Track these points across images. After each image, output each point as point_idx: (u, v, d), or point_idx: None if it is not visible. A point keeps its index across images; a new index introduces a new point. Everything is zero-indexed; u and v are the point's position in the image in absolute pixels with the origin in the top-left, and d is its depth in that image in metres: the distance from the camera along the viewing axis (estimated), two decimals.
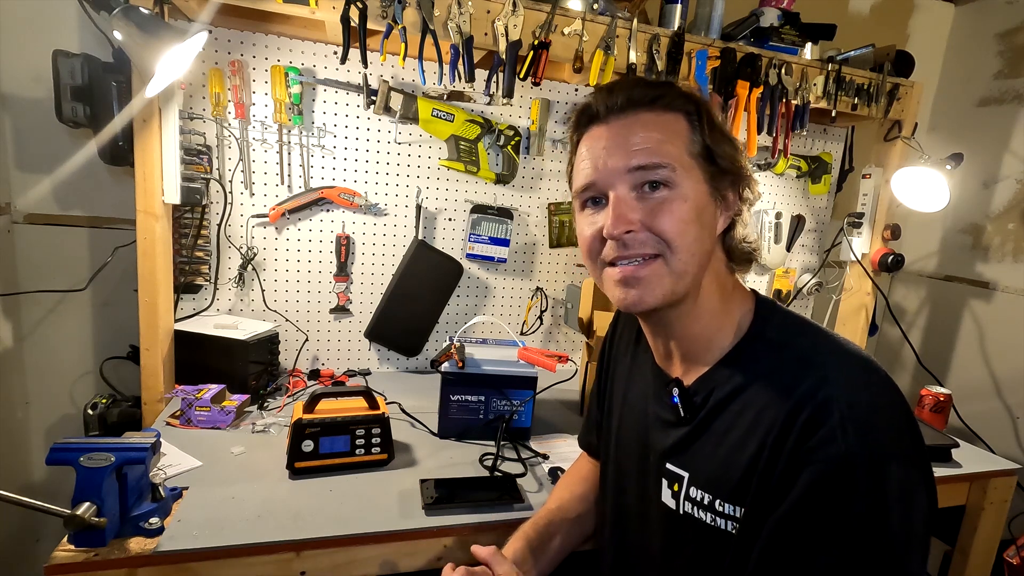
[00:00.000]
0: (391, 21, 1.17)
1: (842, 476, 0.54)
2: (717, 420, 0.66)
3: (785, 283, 1.93)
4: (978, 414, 1.82)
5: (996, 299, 1.97)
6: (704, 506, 0.66)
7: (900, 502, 0.54)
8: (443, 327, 1.66)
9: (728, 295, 0.70)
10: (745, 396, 0.64)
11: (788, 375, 0.61)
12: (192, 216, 1.38)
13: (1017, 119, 1.94)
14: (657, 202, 0.63)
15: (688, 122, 0.66)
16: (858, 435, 0.55)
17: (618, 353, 0.89)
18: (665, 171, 0.63)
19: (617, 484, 0.83)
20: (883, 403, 0.58)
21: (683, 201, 0.63)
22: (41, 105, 1.34)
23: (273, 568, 0.84)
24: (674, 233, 0.63)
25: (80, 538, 0.76)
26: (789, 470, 0.57)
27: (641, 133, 0.64)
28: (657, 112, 0.65)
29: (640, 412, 0.78)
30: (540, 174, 1.65)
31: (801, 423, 0.57)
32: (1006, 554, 1.58)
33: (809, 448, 0.56)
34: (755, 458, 0.60)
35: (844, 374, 0.59)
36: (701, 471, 0.67)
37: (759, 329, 0.67)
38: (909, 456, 0.56)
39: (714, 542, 0.65)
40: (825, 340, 0.65)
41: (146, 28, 0.96)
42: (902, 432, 0.57)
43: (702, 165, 0.65)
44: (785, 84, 1.47)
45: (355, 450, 1.03)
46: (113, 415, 1.31)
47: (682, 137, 0.65)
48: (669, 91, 0.67)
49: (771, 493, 0.58)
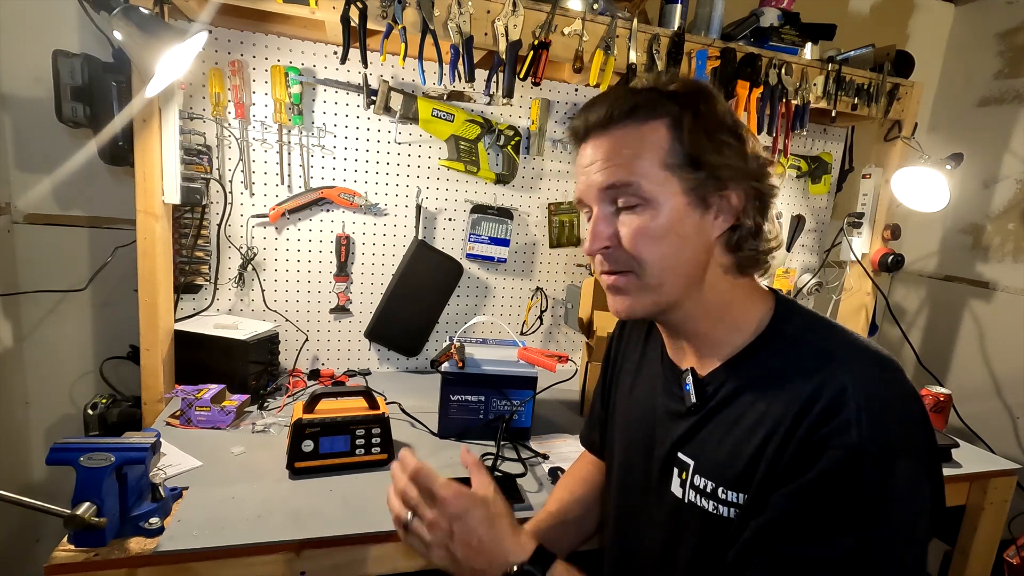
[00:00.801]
0: (391, 21, 1.17)
1: (853, 466, 0.54)
2: (727, 409, 0.66)
3: (785, 283, 1.93)
4: (978, 414, 1.82)
5: (996, 299, 1.97)
6: (707, 494, 0.66)
7: (905, 498, 0.55)
8: (443, 327, 1.66)
9: (741, 297, 0.69)
10: (758, 387, 0.63)
11: (805, 368, 0.61)
12: (192, 216, 1.38)
13: (1017, 119, 1.94)
14: (628, 219, 0.64)
15: (669, 128, 0.64)
16: (872, 428, 0.55)
17: (626, 350, 0.89)
18: (633, 189, 0.63)
19: (621, 481, 0.83)
20: (898, 399, 0.59)
21: (652, 219, 0.63)
22: (41, 105, 1.34)
23: (273, 568, 0.84)
24: (641, 251, 0.64)
25: (80, 538, 0.76)
26: (801, 455, 0.57)
27: (614, 151, 0.64)
28: (632, 126, 0.64)
29: (648, 407, 0.78)
30: (540, 174, 1.65)
31: (817, 412, 0.57)
32: (1006, 554, 1.58)
33: (823, 435, 0.56)
34: (763, 446, 0.60)
35: (861, 368, 0.59)
36: (707, 459, 0.67)
37: (777, 326, 0.67)
38: (919, 453, 0.57)
39: (715, 530, 0.65)
40: (843, 337, 0.65)
41: (146, 28, 0.96)
42: (915, 429, 0.58)
43: (681, 174, 0.63)
44: (785, 84, 1.47)
45: (355, 450, 1.03)
46: (113, 415, 1.31)
47: (657, 149, 0.63)
48: (648, 99, 0.64)
49: (779, 478, 0.58)
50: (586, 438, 1.01)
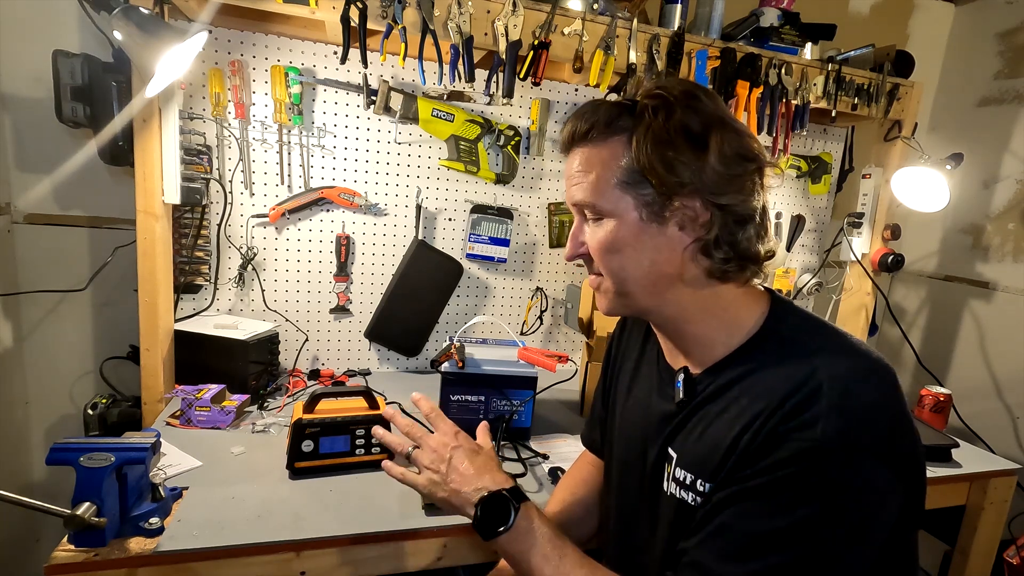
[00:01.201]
0: (391, 21, 1.17)
1: (809, 458, 0.55)
2: (712, 404, 0.67)
3: (785, 283, 1.93)
4: (978, 414, 1.82)
5: (996, 299, 1.97)
6: (686, 486, 0.67)
7: (859, 498, 0.55)
8: (443, 327, 1.66)
9: (731, 299, 0.68)
10: (744, 384, 0.64)
11: (790, 366, 0.61)
12: (192, 216, 1.38)
13: (1017, 119, 1.94)
14: (592, 232, 0.69)
15: (625, 145, 0.64)
16: (840, 425, 0.55)
17: (626, 349, 0.90)
18: (591, 207, 0.68)
19: (620, 480, 0.83)
20: (877, 400, 0.58)
21: (611, 233, 0.67)
22: (41, 105, 1.34)
23: (273, 568, 0.84)
24: (601, 262, 0.69)
25: (80, 538, 0.76)
26: (765, 445, 0.58)
27: (580, 170, 0.68)
28: (591, 145, 0.67)
29: (644, 407, 0.79)
30: (540, 174, 1.65)
31: (789, 407, 0.58)
32: (1006, 554, 1.58)
33: (789, 428, 0.57)
34: (738, 439, 0.61)
35: (843, 367, 0.60)
36: (688, 452, 0.68)
37: (771, 327, 0.67)
38: (887, 456, 0.56)
39: (689, 521, 0.65)
40: (835, 337, 0.65)
41: (146, 28, 0.96)
42: (889, 432, 0.57)
43: (635, 192, 0.64)
44: (785, 84, 1.47)
45: (355, 450, 1.03)
46: (113, 415, 1.31)
47: (614, 168, 0.65)
48: (608, 116, 0.66)
49: (739, 465, 0.60)
50: (587, 437, 1.01)
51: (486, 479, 0.73)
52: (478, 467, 0.74)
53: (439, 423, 0.80)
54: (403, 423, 0.80)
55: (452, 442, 0.77)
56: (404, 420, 0.81)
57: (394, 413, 0.82)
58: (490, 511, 0.70)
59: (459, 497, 0.72)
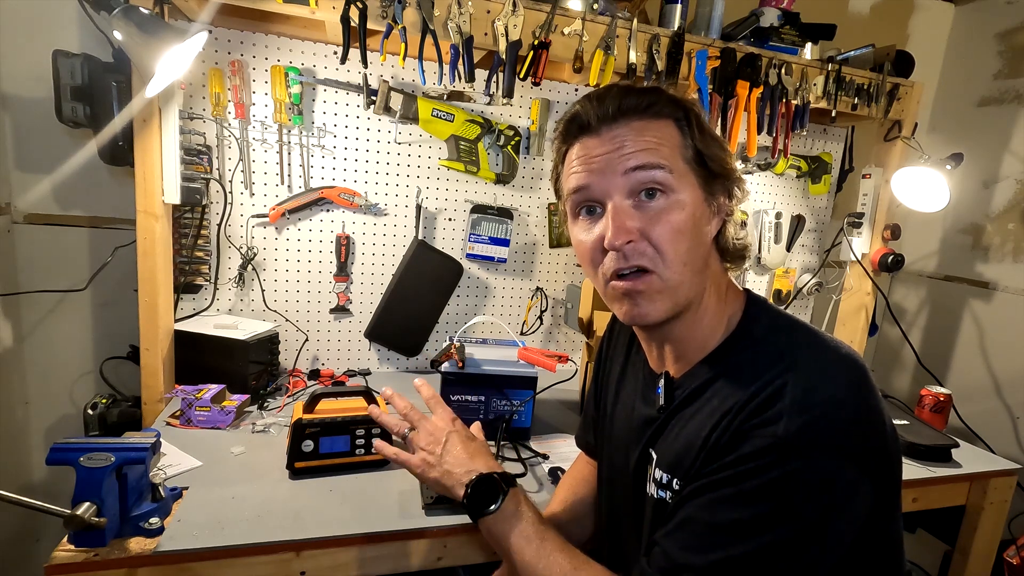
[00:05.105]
0: (391, 21, 1.17)
1: (768, 454, 0.56)
2: (688, 407, 0.68)
3: (785, 283, 1.93)
4: (978, 414, 1.82)
5: (996, 299, 1.97)
6: (664, 486, 0.68)
7: (819, 496, 0.55)
8: (443, 327, 1.66)
9: (723, 296, 0.70)
10: (716, 386, 0.65)
11: (759, 366, 0.62)
12: (192, 216, 1.38)
13: (1017, 119, 1.93)
14: (655, 211, 0.62)
15: (678, 128, 0.65)
16: (802, 423, 0.55)
17: (614, 354, 0.90)
18: (663, 172, 0.62)
19: (609, 482, 0.84)
20: (840, 396, 0.58)
21: (680, 210, 0.63)
22: (41, 105, 1.34)
23: (273, 568, 0.84)
24: (669, 244, 0.62)
25: (80, 538, 0.76)
26: (729, 442, 0.59)
27: (636, 139, 0.63)
28: (648, 119, 0.64)
29: (629, 411, 0.80)
30: (540, 174, 1.65)
31: (754, 405, 0.58)
32: (1006, 554, 1.58)
33: (752, 425, 0.58)
34: (707, 438, 0.62)
35: (812, 366, 0.60)
36: (666, 453, 0.69)
37: (746, 327, 0.68)
38: (851, 454, 0.56)
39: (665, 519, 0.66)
40: (806, 336, 0.65)
41: (146, 28, 0.96)
42: (854, 429, 0.57)
43: (696, 170, 0.65)
44: (785, 84, 1.47)
45: (355, 450, 1.03)
46: (113, 415, 1.31)
47: (675, 143, 0.65)
48: (659, 98, 0.65)
49: (704, 463, 0.61)
50: (581, 439, 1.01)
51: (479, 463, 0.75)
52: (471, 452, 0.76)
53: (437, 408, 0.82)
54: (401, 405, 0.82)
55: (449, 427, 0.79)
56: (402, 402, 0.82)
57: (392, 395, 0.84)
58: (480, 492, 0.72)
59: (451, 477, 0.74)
